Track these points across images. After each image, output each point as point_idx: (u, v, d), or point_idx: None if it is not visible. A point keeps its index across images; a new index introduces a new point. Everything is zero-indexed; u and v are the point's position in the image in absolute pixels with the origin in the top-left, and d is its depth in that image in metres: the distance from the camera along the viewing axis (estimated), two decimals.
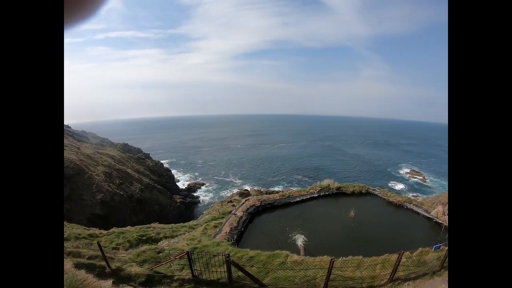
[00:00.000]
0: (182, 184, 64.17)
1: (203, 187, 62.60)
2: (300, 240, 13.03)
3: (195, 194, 58.00)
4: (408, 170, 72.47)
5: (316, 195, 19.35)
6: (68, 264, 7.19)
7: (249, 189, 45.59)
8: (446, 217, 14.75)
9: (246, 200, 17.23)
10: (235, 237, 13.01)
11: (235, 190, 44.97)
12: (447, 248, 9.63)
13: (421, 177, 66.73)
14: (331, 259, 7.48)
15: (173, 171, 67.92)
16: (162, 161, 68.13)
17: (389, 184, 58.02)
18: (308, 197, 18.95)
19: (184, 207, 49.26)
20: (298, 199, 18.44)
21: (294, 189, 21.02)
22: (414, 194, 51.32)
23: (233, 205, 18.13)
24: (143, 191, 44.47)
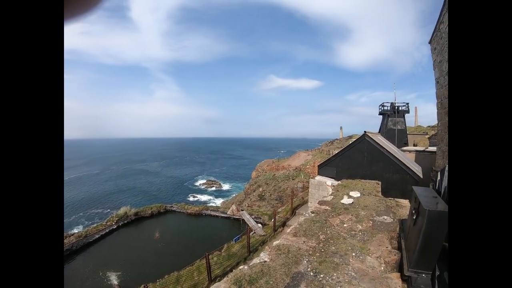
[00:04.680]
0: None
1: None
2: (114, 278, 12.14)
3: None
4: (205, 181, 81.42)
5: (115, 227, 18.34)
6: None
7: None
8: (240, 212, 18.76)
9: None
10: None
11: None
12: (245, 236, 12.20)
13: (217, 185, 77.72)
14: (144, 286, 7.88)
15: None
16: None
17: (188, 198, 62.21)
18: (107, 230, 17.59)
19: None
20: (97, 236, 16.70)
21: (94, 225, 18.62)
22: (216, 200, 58.87)
23: None
24: None
